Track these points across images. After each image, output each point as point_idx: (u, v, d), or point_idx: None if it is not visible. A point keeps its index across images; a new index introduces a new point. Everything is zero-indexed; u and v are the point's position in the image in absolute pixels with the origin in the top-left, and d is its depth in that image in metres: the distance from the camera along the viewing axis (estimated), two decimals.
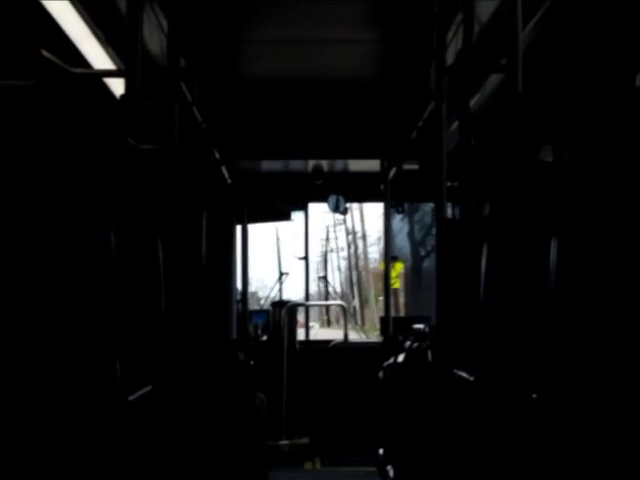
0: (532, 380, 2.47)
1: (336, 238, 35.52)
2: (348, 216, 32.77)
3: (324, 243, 32.22)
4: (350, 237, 34.29)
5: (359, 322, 26.33)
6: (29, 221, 2.16)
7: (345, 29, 6.34)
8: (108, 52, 5.25)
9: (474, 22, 5.08)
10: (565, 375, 2.18)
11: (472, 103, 5.27)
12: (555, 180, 2.42)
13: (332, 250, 35.19)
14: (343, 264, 36.07)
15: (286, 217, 10.57)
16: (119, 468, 2.31)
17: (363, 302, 33.60)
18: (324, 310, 32.93)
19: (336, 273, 36.00)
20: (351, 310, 29.37)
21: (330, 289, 12.68)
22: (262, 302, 11.74)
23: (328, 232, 34.21)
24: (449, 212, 5.06)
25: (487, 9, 5.40)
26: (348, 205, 10.12)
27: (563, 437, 2.17)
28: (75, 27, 4.83)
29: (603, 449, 2.05)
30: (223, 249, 9.06)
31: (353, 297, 33.67)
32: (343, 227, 34.33)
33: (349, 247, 34.73)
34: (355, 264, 34.26)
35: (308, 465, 8.86)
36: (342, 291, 34.99)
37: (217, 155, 7.80)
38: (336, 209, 10.05)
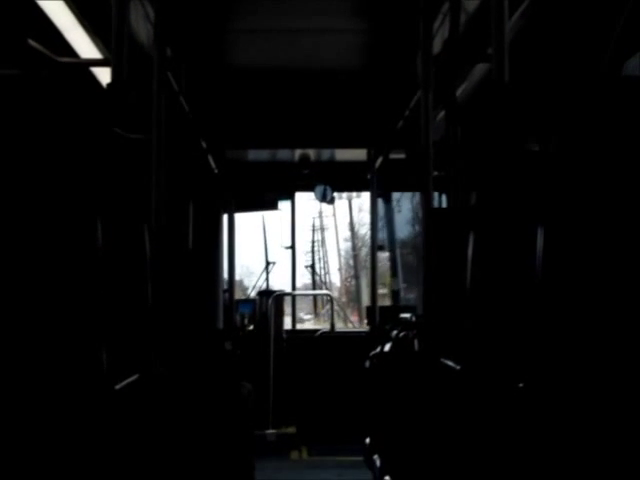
0: (518, 369, 2.47)
1: (334, 215, 31.47)
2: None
3: (312, 230, 29.28)
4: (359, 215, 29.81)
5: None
6: (13, 211, 2.15)
7: (331, 18, 6.33)
8: (95, 41, 5.23)
9: (460, 11, 5.08)
10: (551, 364, 2.19)
11: (458, 92, 5.28)
12: (541, 169, 2.43)
13: (327, 228, 31.46)
14: (342, 246, 32.12)
15: (273, 206, 10.58)
16: (105, 456, 2.31)
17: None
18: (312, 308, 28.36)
19: (334, 257, 31.79)
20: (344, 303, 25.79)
21: (317, 279, 12.70)
22: (249, 292, 11.72)
23: (314, 220, 31.00)
24: (435, 201, 5.07)
25: None
26: (335, 194, 10.15)
27: (549, 426, 2.18)
28: (62, 16, 4.81)
29: (589, 438, 2.06)
30: (210, 238, 9.05)
31: (358, 289, 26.81)
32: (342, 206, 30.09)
33: (351, 224, 30.38)
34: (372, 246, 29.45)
35: (294, 454, 8.88)
36: (340, 280, 30.51)
37: (204, 144, 7.80)
38: (323, 198, 10.06)
